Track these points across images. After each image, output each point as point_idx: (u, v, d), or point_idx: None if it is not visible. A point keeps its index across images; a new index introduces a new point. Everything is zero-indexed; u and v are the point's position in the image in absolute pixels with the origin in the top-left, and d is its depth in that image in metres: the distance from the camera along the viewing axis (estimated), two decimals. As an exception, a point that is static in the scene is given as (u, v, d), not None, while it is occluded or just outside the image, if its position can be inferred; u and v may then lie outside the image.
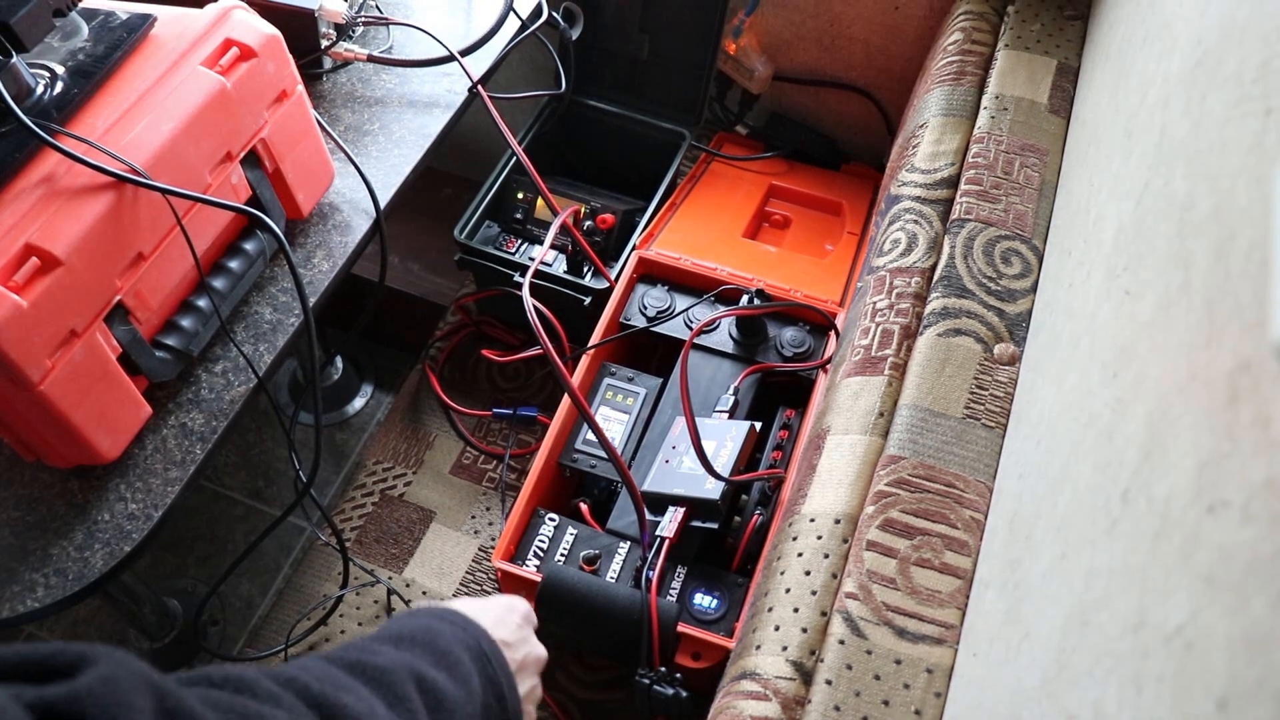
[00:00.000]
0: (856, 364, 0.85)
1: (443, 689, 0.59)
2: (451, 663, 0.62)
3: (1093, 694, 0.40)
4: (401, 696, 0.56)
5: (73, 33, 0.82)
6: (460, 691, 0.61)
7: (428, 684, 0.59)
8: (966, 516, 0.71)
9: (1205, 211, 0.46)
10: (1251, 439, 0.34)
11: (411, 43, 1.20)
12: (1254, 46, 0.46)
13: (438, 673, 0.60)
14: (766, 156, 1.44)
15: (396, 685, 0.56)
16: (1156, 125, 0.60)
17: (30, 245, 0.71)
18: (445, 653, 0.63)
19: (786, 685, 0.66)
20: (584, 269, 1.28)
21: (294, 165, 0.95)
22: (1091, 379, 0.56)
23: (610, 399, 1.17)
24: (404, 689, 0.57)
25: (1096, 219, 0.70)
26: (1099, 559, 0.45)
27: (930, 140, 0.98)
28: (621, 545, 1.03)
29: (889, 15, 1.28)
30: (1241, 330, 0.37)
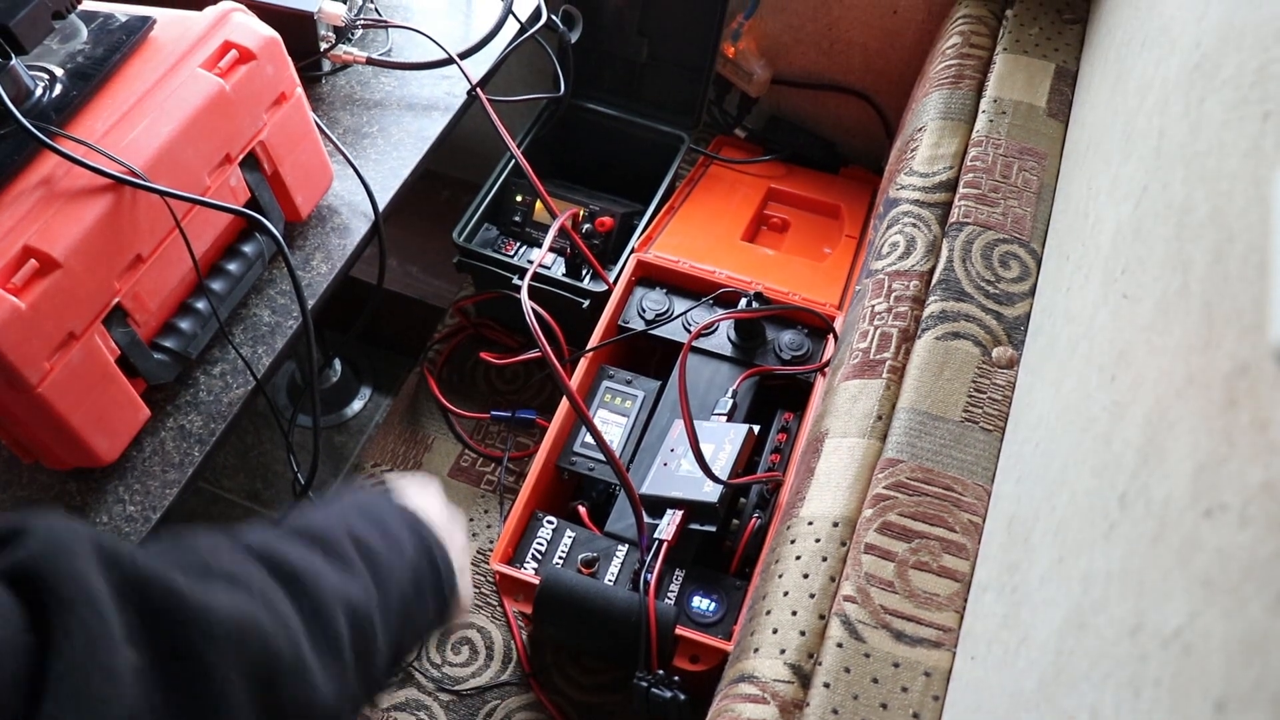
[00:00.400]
0: (855, 367, 0.85)
1: (375, 546, 0.61)
2: (380, 523, 0.64)
3: (1090, 697, 0.40)
4: (339, 551, 0.57)
5: (72, 35, 0.82)
6: (391, 549, 0.62)
7: (361, 541, 0.60)
8: (965, 520, 0.71)
9: (1203, 215, 0.46)
10: (1249, 442, 0.34)
11: (410, 46, 1.20)
12: (1252, 50, 0.46)
13: (368, 531, 0.62)
14: (765, 160, 1.44)
15: (332, 541, 0.57)
16: (1155, 129, 0.60)
17: (29, 247, 0.71)
18: (374, 516, 0.65)
19: (784, 688, 0.66)
20: (582, 272, 1.28)
21: (293, 168, 0.95)
22: (1090, 382, 0.57)
23: (609, 402, 1.17)
24: (340, 544, 0.58)
25: (1095, 222, 0.70)
26: (1097, 562, 0.45)
27: (929, 144, 0.98)
28: (620, 548, 1.03)
29: (888, 19, 1.28)
30: (1240, 334, 0.37)
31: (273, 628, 0.45)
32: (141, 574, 0.39)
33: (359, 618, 0.55)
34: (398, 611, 0.61)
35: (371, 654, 0.56)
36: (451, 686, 1.14)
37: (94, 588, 0.36)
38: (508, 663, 1.14)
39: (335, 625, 0.52)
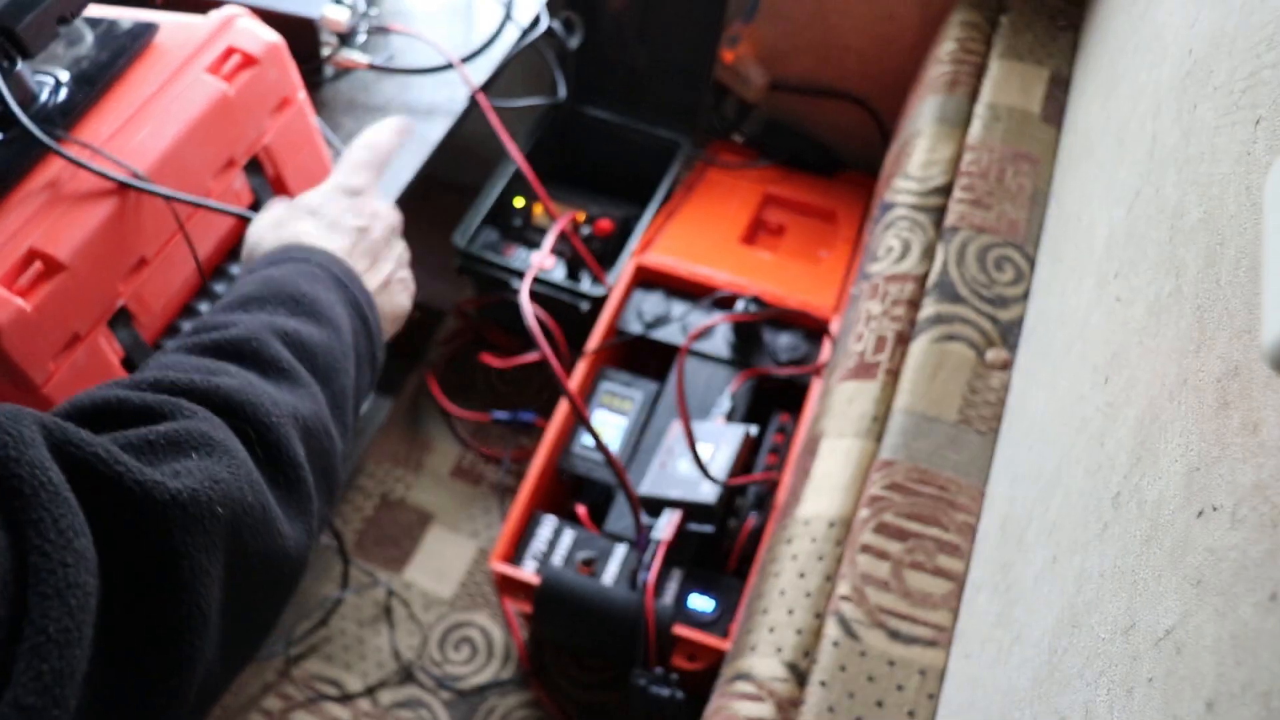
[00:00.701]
0: (851, 369, 0.86)
1: (307, 337, 0.57)
2: (310, 306, 0.59)
3: (1083, 696, 0.41)
4: (271, 359, 0.54)
5: (77, 40, 0.83)
6: (326, 332, 0.58)
7: (291, 337, 0.56)
8: (959, 520, 0.72)
9: (1195, 219, 0.46)
10: (1240, 444, 0.34)
11: (412, 51, 1.20)
12: (1243, 57, 0.47)
13: (299, 322, 0.57)
14: (762, 164, 1.45)
15: (262, 350, 0.53)
16: (1147, 134, 0.61)
17: (34, 249, 0.71)
18: (299, 297, 0.59)
19: (781, 686, 0.67)
20: (581, 275, 1.29)
21: (296, 171, 0.95)
22: (1083, 384, 0.57)
23: (607, 403, 1.18)
24: (271, 350, 0.54)
25: (1088, 226, 0.71)
26: (1090, 562, 0.45)
27: (924, 148, 0.99)
28: (618, 548, 1.03)
29: (883, 25, 1.29)
30: (1231, 336, 0.38)
31: (234, 483, 0.42)
32: (88, 458, 0.36)
33: (314, 434, 0.52)
34: (352, 400, 0.58)
35: (332, 465, 0.53)
36: (452, 685, 1.14)
37: (52, 473, 0.34)
38: (507, 661, 1.15)
39: (292, 452, 0.48)
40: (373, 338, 0.64)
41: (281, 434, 0.48)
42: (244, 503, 0.42)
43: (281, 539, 0.45)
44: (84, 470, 0.36)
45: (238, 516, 0.41)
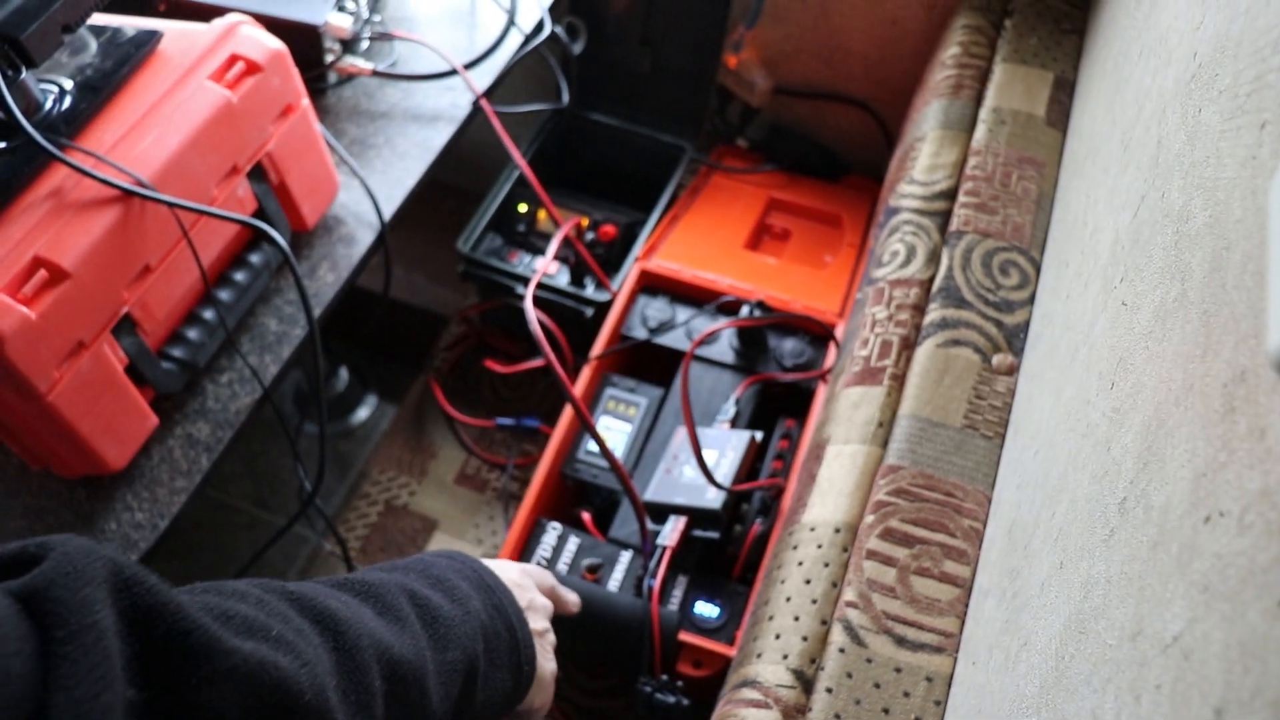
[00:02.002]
0: (856, 374, 0.85)
1: (436, 604, 0.59)
2: (446, 586, 0.62)
3: (1090, 702, 0.41)
4: (391, 605, 0.55)
5: (81, 48, 0.83)
6: (457, 610, 0.60)
7: (420, 598, 0.58)
8: (965, 526, 0.72)
9: (1201, 223, 0.46)
10: (1247, 449, 0.34)
11: (415, 57, 1.21)
12: (1248, 61, 0.46)
13: (430, 591, 0.60)
14: (766, 169, 1.45)
15: (385, 596, 0.55)
16: (1153, 138, 0.61)
17: (39, 257, 0.71)
18: (439, 578, 0.62)
19: (787, 693, 0.67)
20: (586, 280, 1.29)
21: (299, 178, 0.95)
22: (1089, 389, 0.57)
23: (612, 409, 1.18)
24: (394, 599, 0.56)
25: (1093, 231, 0.70)
26: (1097, 568, 0.45)
27: (928, 153, 0.99)
28: (623, 554, 1.03)
29: (887, 29, 1.29)
30: (1237, 341, 0.38)
31: (292, 668, 0.43)
32: (154, 605, 0.38)
33: (400, 672, 0.52)
34: (461, 673, 0.58)
35: (419, 714, 0.54)
36: (456, 693, 1.14)
37: (101, 616, 0.36)
38: (512, 670, 1.15)
39: (367, 676, 0.50)
40: (518, 648, 0.65)
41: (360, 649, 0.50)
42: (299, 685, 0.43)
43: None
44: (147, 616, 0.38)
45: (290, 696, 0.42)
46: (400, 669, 0.52)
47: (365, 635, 0.51)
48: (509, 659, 0.65)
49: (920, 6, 1.24)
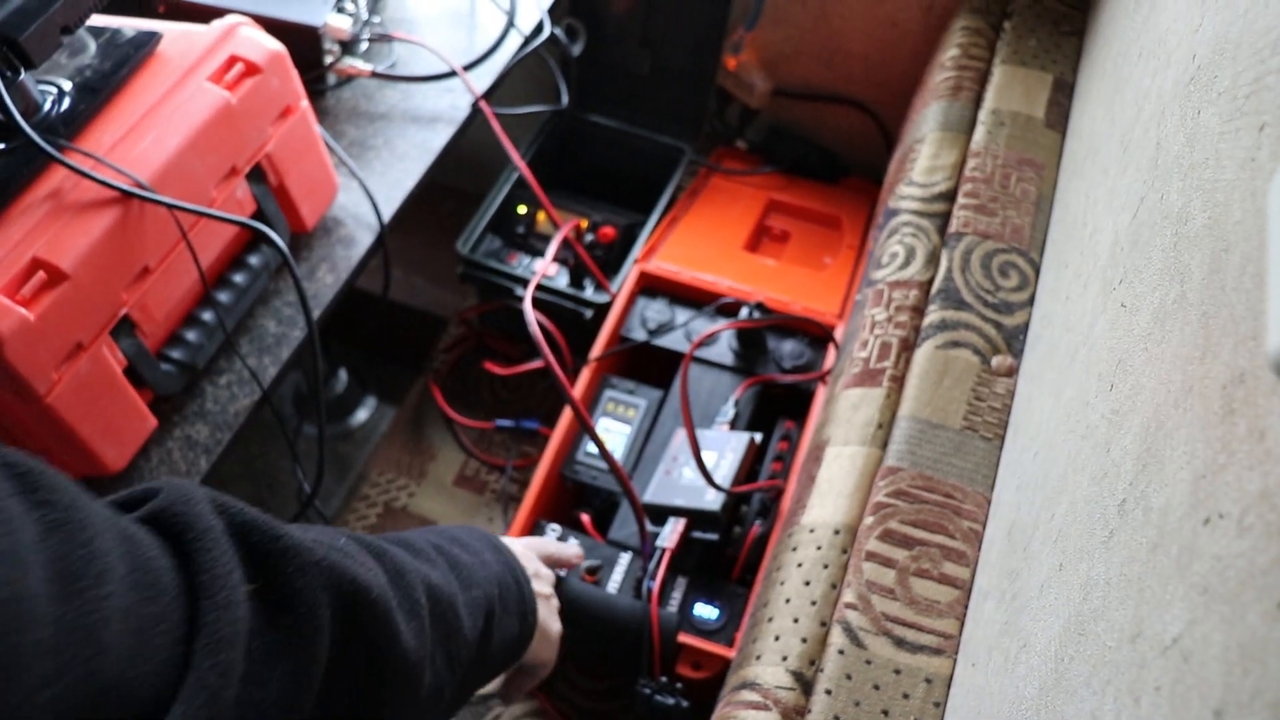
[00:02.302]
0: (855, 376, 0.85)
1: (457, 554, 0.67)
2: (461, 543, 0.70)
3: (1090, 704, 0.41)
4: (421, 550, 0.63)
5: (80, 50, 0.83)
6: (474, 559, 0.68)
7: (442, 549, 0.66)
8: (965, 527, 0.72)
9: (1200, 225, 0.46)
10: (1247, 451, 0.34)
11: (415, 59, 1.21)
12: (1247, 62, 0.46)
13: (450, 545, 0.68)
14: (766, 170, 1.45)
15: (415, 544, 0.63)
16: (1152, 140, 0.61)
17: (37, 259, 0.71)
18: (455, 537, 0.71)
19: (786, 695, 0.67)
20: (585, 282, 1.29)
21: (298, 180, 0.95)
22: (1088, 391, 0.57)
23: (611, 411, 1.18)
24: (422, 547, 0.64)
25: (1093, 232, 0.70)
26: (1096, 570, 0.45)
27: (928, 154, 0.99)
28: (622, 556, 1.03)
29: (887, 31, 1.29)
30: (1237, 343, 0.38)
31: (359, 570, 0.50)
32: (247, 520, 0.46)
33: (438, 598, 0.60)
34: (482, 609, 0.66)
35: (455, 637, 0.61)
36: (455, 695, 1.14)
37: (216, 527, 0.44)
38: (511, 671, 1.14)
39: (415, 593, 0.56)
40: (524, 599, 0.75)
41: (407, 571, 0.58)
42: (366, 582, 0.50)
43: (396, 631, 0.52)
44: (244, 528, 0.46)
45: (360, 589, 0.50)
46: (437, 593, 0.60)
47: (407, 564, 0.58)
48: (517, 607, 0.73)
49: (919, 8, 1.24)
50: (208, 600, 0.41)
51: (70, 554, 0.36)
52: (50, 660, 0.33)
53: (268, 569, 0.45)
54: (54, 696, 0.33)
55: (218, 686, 0.39)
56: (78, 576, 0.35)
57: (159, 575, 0.40)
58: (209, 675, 0.39)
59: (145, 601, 0.39)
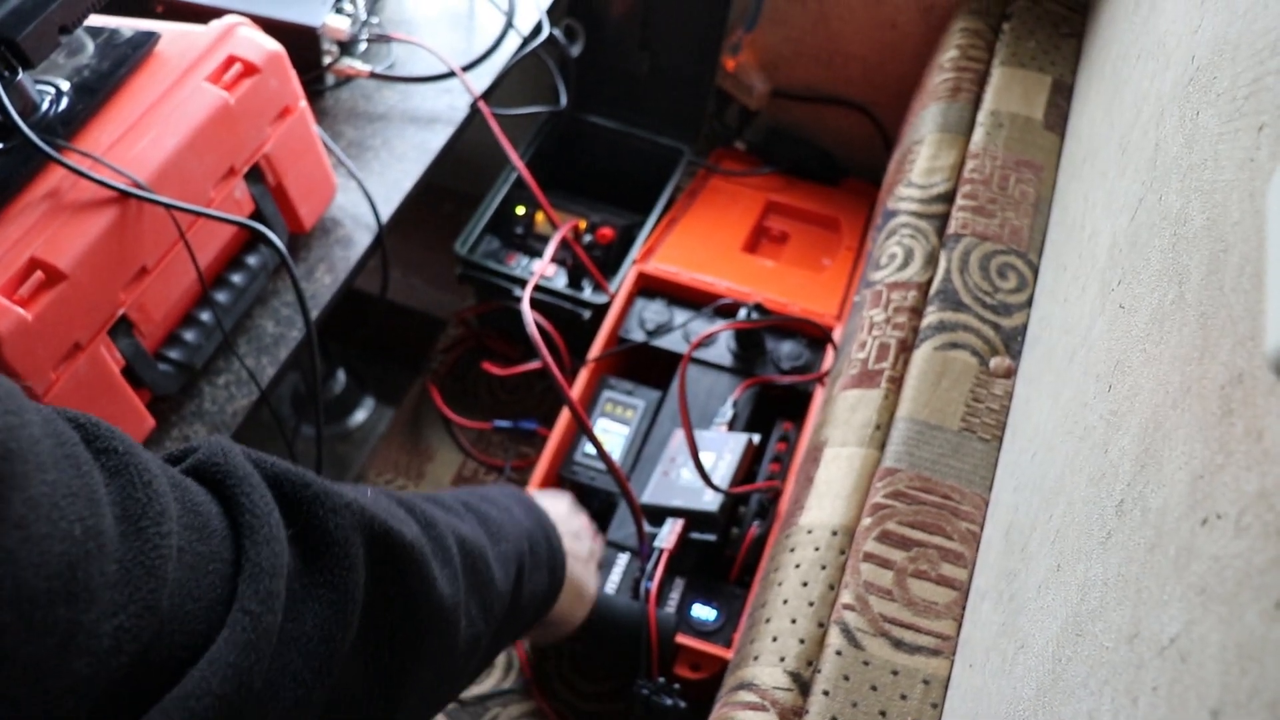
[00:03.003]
0: (853, 377, 0.85)
1: (486, 510, 0.69)
2: (490, 499, 0.72)
3: (1088, 704, 0.41)
4: (451, 507, 0.64)
5: (78, 50, 0.83)
6: (504, 515, 0.70)
7: (471, 506, 0.68)
8: (963, 528, 0.72)
9: (1199, 226, 0.46)
10: (1245, 451, 0.34)
11: (413, 59, 1.21)
12: (1246, 63, 0.47)
13: (479, 502, 0.69)
14: (764, 172, 1.45)
15: (444, 500, 0.64)
16: (1150, 141, 0.61)
17: (35, 259, 0.71)
18: (484, 495, 0.72)
19: (784, 696, 0.67)
20: (584, 283, 1.29)
21: (296, 180, 0.95)
22: (1087, 392, 0.57)
23: (609, 412, 1.18)
24: (451, 504, 0.65)
25: (1091, 234, 0.70)
26: (1094, 570, 0.45)
27: (926, 156, 0.99)
28: (620, 557, 1.03)
29: (886, 33, 1.29)
30: (1235, 344, 0.38)
31: (390, 518, 0.52)
32: (280, 470, 0.49)
33: (469, 550, 0.61)
34: (514, 562, 0.67)
35: (488, 588, 0.62)
36: (453, 696, 1.14)
37: (253, 475, 0.47)
38: (509, 671, 1.14)
39: (446, 542, 0.58)
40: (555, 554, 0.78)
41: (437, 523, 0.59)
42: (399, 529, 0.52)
43: (429, 576, 0.54)
44: (276, 478, 0.49)
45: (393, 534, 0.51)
46: (467, 546, 0.61)
47: (438, 516, 0.60)
48: (547, 561, 0.75)
49: (918, 10, 1.24)
50: (250, 539, 0.43)
51: (132, 496, 0.39)
52: (117, 592, 0.36)
53: (301, 514, 0.48)
54: (119, 626, 0.36)
55: (260, 612, 0.41)
56: (140, 517, 0.38)
57: (208, 519, 0.43)
58: (252, 602, 0.41)
59: (198, 541, 0.42)
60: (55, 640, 0.33)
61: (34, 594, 0.33)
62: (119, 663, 0.36)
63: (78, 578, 0.34)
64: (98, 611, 0.35)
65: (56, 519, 0.34)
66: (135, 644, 0.36)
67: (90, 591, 0.35)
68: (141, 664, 0.37)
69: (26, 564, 0.33)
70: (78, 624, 0.34)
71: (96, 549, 0.35)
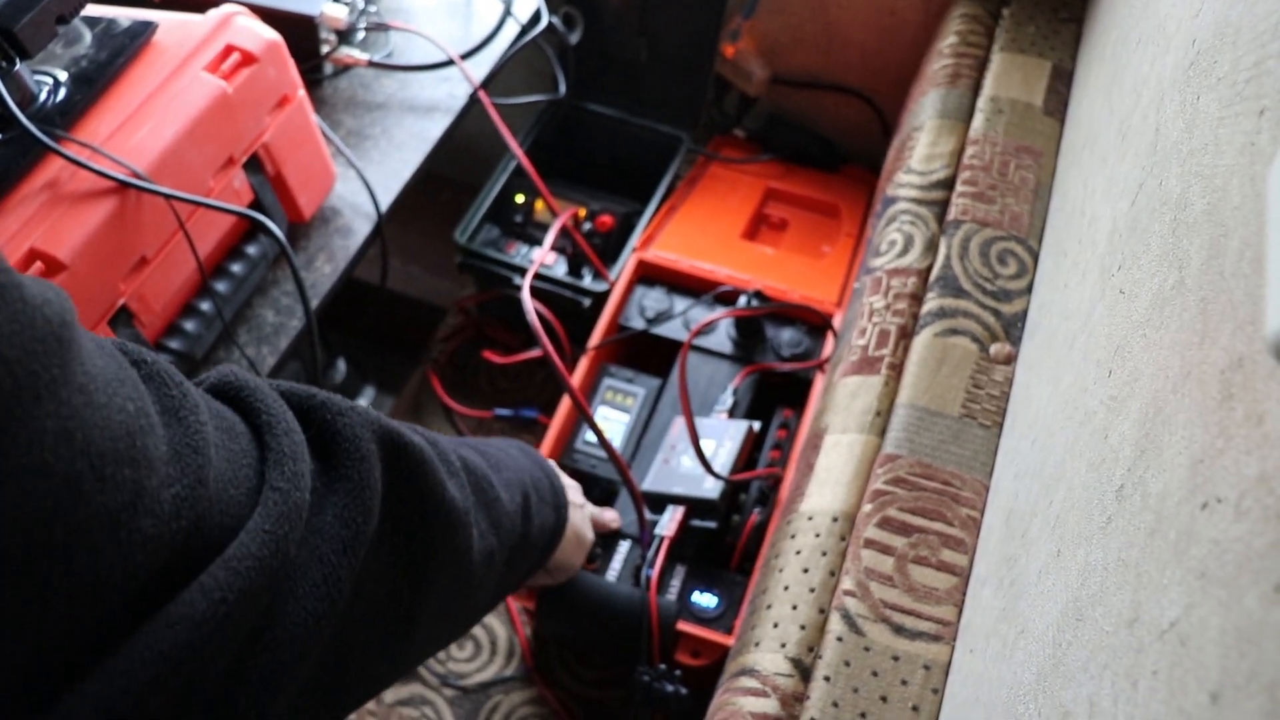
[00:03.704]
0: (853, 364, 0.86)
1: (484, 447, 0.71)
2: (488, 441, 0.74)
3: (1088, 689, 0.41)
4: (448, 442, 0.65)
5: (75, 39, 0.83)
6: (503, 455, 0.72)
7: (470, 444, 0.69)
8: (963, 514, 0.72)
9: (1199, 211, 0.46)
10: (1244, 435, 0.34)
11: (412, 48, 1.20)
12: (1247, 47, 0.46)
13: (477, 443, 0.71)
14: (764, 159, 1.45)
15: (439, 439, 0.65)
16: (1151, 126, 0.61)
17: (35, 249, 0.71)
18: (481, 440, 0.74)
19: (785, 682, 0.67)
20: (583, 271, 1.29)
21: (295, 169, 0.95)
22: (1086, 378, 0.57)
23: (610, 399, 1.18)
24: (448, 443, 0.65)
25: (1091, 219, 0.70)
26: (1094, 555, 0.45)
27: (926, 142, 0.99)
28: (622, 544, 1.03)
29: (885, 19, 1.28)
30: (1235, 328, 0.38)
31: (399, 431, 0.53)
32: (284, 386, 0.52)
33: (472, 468, 0.63)
34: (519, 489, 0.70)
35: (495, 505, 0.64)
36: (456, 682, 1.15)
37: (266, 387, 0.49)
38: (511, 658, 1.15)
39: (450, 458, 0.60)
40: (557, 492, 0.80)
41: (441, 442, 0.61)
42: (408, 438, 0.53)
43: (439, 480, 0.55)
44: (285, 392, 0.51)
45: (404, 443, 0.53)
46: (470, 464, 0.63)
47: (439, 438, 0.62)
48: (551, 498, 0.77)
49: (917, -5, 1.24)
50: (270, 434, 0.46)
51: (168, 394, 0.42)
52: (172, 466, 0.39)
53: (314, 421, 0.50)
54: (176, 495, 0.39)
55: (288, 489, 0.44)
56: (178, 409, 0.42)
57: (233, 422, 0.46)
58: (280, 480, 0.44)
59: (229, 440, 0.45)
60: (125, 497, 0.36)
61: (103, 451, 0.35)
62: (179, 526, 0.39)
63: (137, 445, 0.37)
64: (157, 480, 0.38)
65: (111, 394, 0.37)
66: (191, 513, 0.39)
67: (149, 460, 0.37)
68: (196, 534, 0.40)
69: (93, 425, 0.35)
70: (142, 486, 0.37)
71: (148, 425, 0.38)
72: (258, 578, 0.41)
